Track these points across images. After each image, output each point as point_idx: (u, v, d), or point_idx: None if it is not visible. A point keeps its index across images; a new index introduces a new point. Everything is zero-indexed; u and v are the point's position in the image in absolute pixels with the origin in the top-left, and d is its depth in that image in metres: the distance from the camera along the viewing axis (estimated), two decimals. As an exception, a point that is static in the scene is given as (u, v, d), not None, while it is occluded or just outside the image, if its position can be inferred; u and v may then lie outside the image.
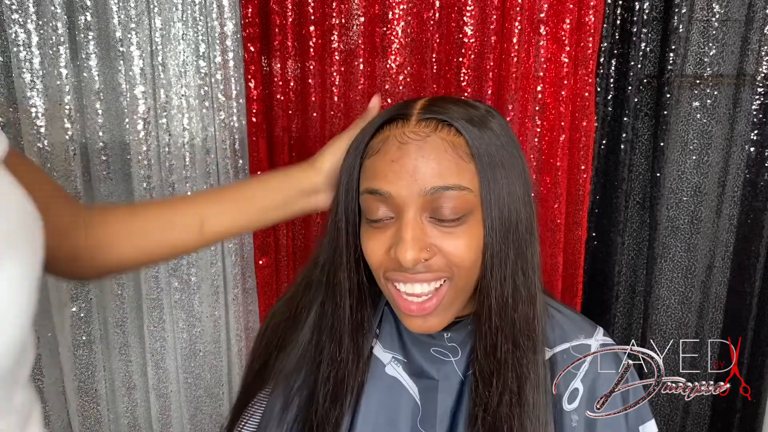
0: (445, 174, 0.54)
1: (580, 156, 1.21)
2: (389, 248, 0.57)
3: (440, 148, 0.55)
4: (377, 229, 0.58)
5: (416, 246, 0.54)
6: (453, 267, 0.56)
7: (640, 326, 1.36)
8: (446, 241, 0.55)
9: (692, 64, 1.23)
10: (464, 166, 0.55)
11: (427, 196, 0.54)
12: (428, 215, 0.55)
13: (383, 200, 0.56)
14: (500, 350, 0.58)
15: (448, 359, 0.64)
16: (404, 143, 0.55)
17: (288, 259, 1.24)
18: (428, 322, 0.59)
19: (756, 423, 1.37)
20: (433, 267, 0.56)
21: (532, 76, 1.16)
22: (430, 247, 0.55)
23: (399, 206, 0.55)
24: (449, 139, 0.55)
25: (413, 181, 0.54)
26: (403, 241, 0.54)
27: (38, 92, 1.03)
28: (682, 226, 1.32)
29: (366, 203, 0.58)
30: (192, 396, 1.25)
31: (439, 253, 0.56)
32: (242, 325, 1.23)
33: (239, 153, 1.15)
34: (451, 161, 0.55)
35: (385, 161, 0.56)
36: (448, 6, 1.12)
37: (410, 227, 0.55)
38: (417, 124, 0.56)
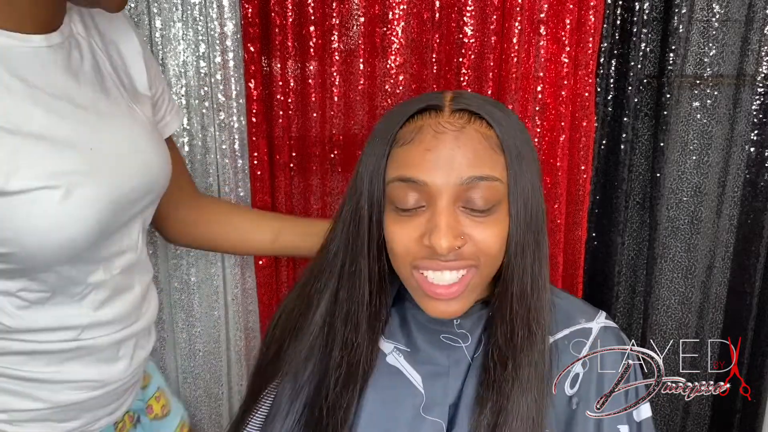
0: (480, 164, 0.56)
1: (580, 156, 1.21)
2: (420, 236, 0.58)
3: (475, 139, 0.56)
4: (406, 217, 0.58)
5: (450, 234, 0.56)
6: (481, 255, 0.58)
7: (640, 326, 1.37)
8: (477, 229, 0.57)
9: (692, 65, 1.23)
10: (496, 158, 0.57)
11: (462, 186, 0.56)
12: (461, 204, 0.57)
13: (416, 188, 0.57)
14: (518, 335, 0.60)
15: (458, 345, 0.65)
16: (441, 133, 0.56)
17: (288, 259, 1.24)
18: (451, 307, 0.60)
19: (756, 423, 1.37)
20: (464, 255, 0.58)
21: (532, 76, 1.16)
22: (463, 235, 0.57)
23: (432, 195, 0.56)
24: (482, 131, 0.57)
25: (450, 170, 0.55)
26: (438, 229, 0.55)
27: (38, 92, 1.03)
28: (682, 226, 1.32)
29: (396, 191, 0.58)
30: (191, 396, 1.25)
31: (470, 241, 0.58)
32: (242, 325, 1.23)
33: (239, 153, 1.15)
34: (485, 152, 0.56)
35: (419, 150, 0.57)
36: (448, 6, 1.12)
37: (444, 215, 0.56)
38: (451, 115, 0.58)
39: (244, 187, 1.17)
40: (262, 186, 1.16)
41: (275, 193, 1.18)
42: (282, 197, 1.18)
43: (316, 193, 1.20)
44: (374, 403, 0.65)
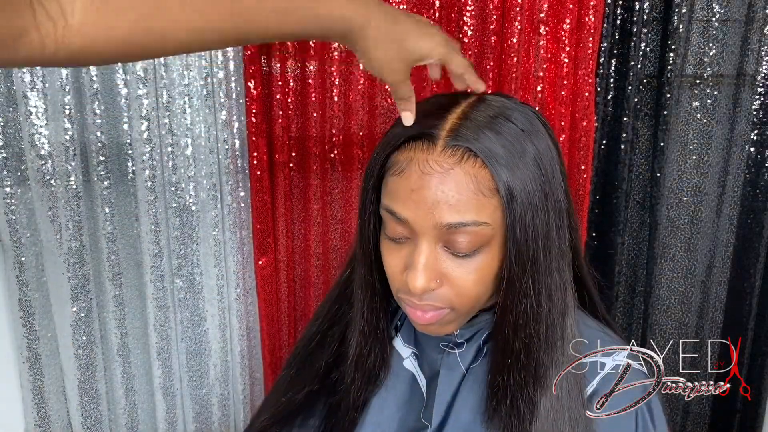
0: (463, 210, 0.53)
1: (580, 156, 1.21)
2: (404, 268, 0.57)
3: (462, 183, 0.52)
4: (396, 245, 0.58)
5: (426, 275, 0.54)
6: (456, 299, 0.56)
7: (640, 326, 1.36)
8: (458, 271, 0.55)
9: (692, 64, 1.23)
10: (485, 202, 0.53)
11: (443, 230, 0.53)
12: (443, 245, 0.55)
13: (400, 223, 0.55)
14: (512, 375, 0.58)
15: (452, 351, 0.65)
16: (426, 173, 0.53)
17: (288, 259, 1.24)
18: (433, 329, 0.60)
19: (756, 423, 1.37)
20: (438, 297, 0.56)
21: (532, 76, 1.16)
22: (440, 278, 0.55)
23: (415, 232, 0.55)
24: (473, 173, 0.53)
25: (430, 215, 0.53)
26: (415, 269, 0.54)
27: (38, 92, 1.03)
28: (682, 226, 1.32)
29: (386, 218, 0.57)
30: (196, 395, 1.25)
31: (447, 284, 0.56)
32: (244, 324, 1.24)
33: (239, 153, 1.15)
34: (471, 196, 0.53)
35: (405, 188, 0.54)
36: (448, 6, 1.12)
37: (423, 255, 0.54)
38: (442, 152, 0.53)
39: (244, 187, 1.17)
40: (262, 186, 1.16)
41: (275, 193, 1.19)
42: (282, 197, 1.18)
43: (316, 193, 1.20)
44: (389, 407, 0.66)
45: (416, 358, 0.68)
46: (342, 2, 0.47)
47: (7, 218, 1.08)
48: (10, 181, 1.08)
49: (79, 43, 0.38)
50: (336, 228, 1.24)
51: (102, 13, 0.38)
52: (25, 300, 1.12)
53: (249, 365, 1.26)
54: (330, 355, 0.69)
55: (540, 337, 0.58)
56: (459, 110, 0.56)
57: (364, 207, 0.60)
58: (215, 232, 1.18)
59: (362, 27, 0.49)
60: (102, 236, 1.13)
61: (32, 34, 0.37)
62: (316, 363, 0.69)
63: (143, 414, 1.26)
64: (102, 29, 0.39)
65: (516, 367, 0.58)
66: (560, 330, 0.59)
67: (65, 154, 1.06)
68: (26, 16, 0.36)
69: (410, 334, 0.69)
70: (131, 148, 1.11)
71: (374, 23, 0.49)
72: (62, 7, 0.37)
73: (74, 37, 0.38)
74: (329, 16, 0.47)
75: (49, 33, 0.37)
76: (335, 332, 0.69)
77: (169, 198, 1.14)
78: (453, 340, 0.65)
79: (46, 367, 1.17)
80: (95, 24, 0.38)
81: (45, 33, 0.37)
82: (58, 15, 0.37)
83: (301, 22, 0.46)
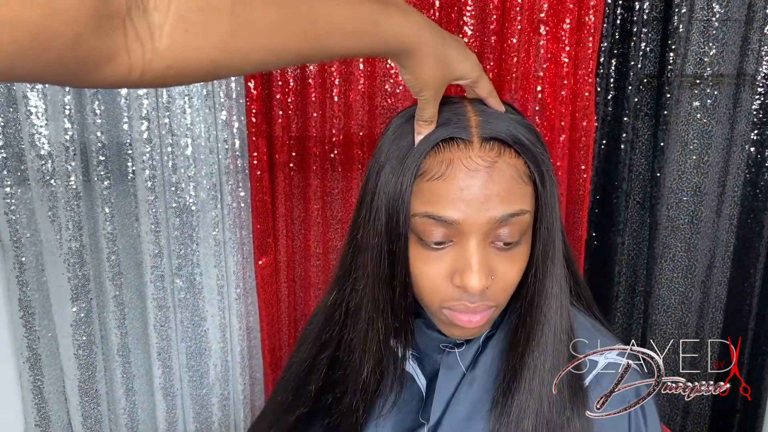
0: (513, 201, 0.54)
1: (580, 156, 1.21)
2: (449, 275, 0.56)
3: (507, 175, 0.54)
4: (436, 252, 0.56)
5: (483, 273, 0.54)
6: (501, 293, 0.57)
7: (640, 326, 1.37)
8: (503, 265, 0.56)
9: (692, 64, 1.23)
10: (526, 190, 0.55)
11: (495, 224, 0.54)
12: (490, 240, 0.55)
13: (446, 225, 0.55)
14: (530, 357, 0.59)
15: (452, 350, 0.65)
16: (473, 170, 0.53)
17: (288, 259, 1.24)
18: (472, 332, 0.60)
19: (756, 423, 1.37)
20: (488, 296, 0.57)
21: (532, 76, 1.16)
22: (493, 274, 0.56)
23: (464, 233, 0.54)
24: (513, 163, 0.55)
25: (483, 211, 0.53)
26: (471, 269, 0.54)
27: (38, 92, 1.03)
28: (682, 226, 1.32)
29: (423, 226, 0.55)
30: (196, 395, 1.25)
31: (496, 279, 0.56)
32: (244, 324, 1.24)
33: (239, 153, 1.15)
34: (516, 186, 0.54)
35: (452, 188, 0.54)
36: (448, 6, 1.12)
37: (477, 253, 0.54)
38: (481, 148, 0.54)
39: (244, 187, 1.17)
40: (262, 186, 1.16)
41: (275, 193, 1.19)
42: (282, 197, 1.18)
43: (316, 193, 1.20)
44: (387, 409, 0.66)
45: (415, 360, 0.67)
46: (402, 23, 0.50)
47: (7, 218, 1.08)
48: (10, 181, 1.08)
49: (164, 66, 0.38)
50: (336, 228, 1.24)
51: (189, 35, 0.38)
52: (25, 300, 1.12)
53: (249, 365, 1.26)
54: (319, 379, 0.68)
55: (553, 319, 0.60)
56: (469, 108, 0.57)
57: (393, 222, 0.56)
58: (215, 232, 1.18)
59: (417, 49, 0.51)
60: (102, 236, 1.13)
61: (122, 57, 0.36)
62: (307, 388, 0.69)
63: (143, 414, 1.26)
64: (188, 51, 0.39)
65: (534, 349, 0.59)
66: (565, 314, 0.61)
67: (65, 154, 1.06)
68: (119, 38, 0.35)
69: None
70: (131, 148, 1.11)
71: (428, 44, 0.52)
72: (151, 30, 0.37)
73: (160, 61, 0.38)
74: (393, 38, 0.50)
75: (137, 57, 0.37)
76: (324, 358, 0.68)
77: (169, 198, 1.14)
78: (453, 341, 0.65)
79: (46, 367, 1.17)
80: (182, 46, 0.38)
81: (134, 57, 0.36)
82: (146, 37, 0.37)
83: (369, 43, 0.49)
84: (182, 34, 0.38)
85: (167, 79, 0.40)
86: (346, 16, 0.47)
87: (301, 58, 0.47)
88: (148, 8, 0.36)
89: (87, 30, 0.33)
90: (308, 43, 0.45)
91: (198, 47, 0.39)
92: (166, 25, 0.37)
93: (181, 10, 0.37)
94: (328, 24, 0.46)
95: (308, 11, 0.44)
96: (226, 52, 0.41)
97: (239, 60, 0.42)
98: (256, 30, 0.42)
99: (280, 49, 0.44)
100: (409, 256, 0.58)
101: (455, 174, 0.54)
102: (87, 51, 0.34)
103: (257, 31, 0.42)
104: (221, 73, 0.43)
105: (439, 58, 0.53)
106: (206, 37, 0.39)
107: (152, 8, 0.36)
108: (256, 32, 0.42)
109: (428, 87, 0.54)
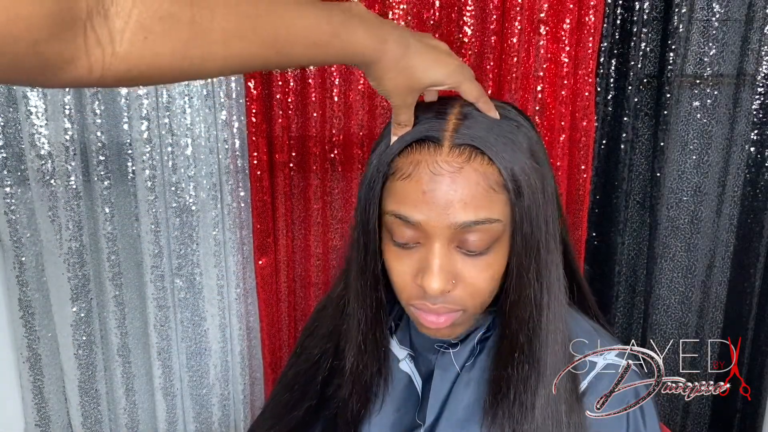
0: (477, 208, 0.53)
1: (580, 156, 1.21)
2: (415, 274, 0.56)
3: (473, 181, 0.53)
4: (404, 251, 0.57)
5: (443, 276, 0.54)
6: (470, 299, 0.57)
7: (640, 326, 1.37)
8: (471, 270, 0.56)
9: (692, 64, 1.23)
10: (495, 198, 0.54)
11: (457, 230, 0.54)
12: (456, 245, 0.55)
13: (412, 227, 0.55)
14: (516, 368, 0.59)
15: (447, 350, 0.65)
16: (437, 174, 0.53)
17: (288, 259, 1.24)
18: (444, 333, 0.60)
19: (756, 423, 1.37)
20: (452, 299, 0.56)
21: (532, 76, 1.16)
22: (455, 278, 0.56)
23: (428, 235, 0.55)
24: (482, 170, 0.53)
25: (444, 215, 0.53)
26: (430, 271, 0.54)
27: (38, 92, 1.03)
28: (682, 226, 1.32)
29: (393, 225, 0.57)
30: (197, 395, 1.25)
31: (461, 285, 0.56)
32: (244, 324, 1.24)
33: (239, 153, 1.15)
34: (483, 194, 0.53)
35: (416, 190, 0.54)
36: (448, 6, 1.12)
37: (438, 256, 0.54)
38: (450, 152, 0.54)
39: (244, 187, 1.17)
40: (262, 186, 1.16)
41: (275, 193, 1.19)
42: (282, 197, 1.18)
43: (316, 193, 1.20)
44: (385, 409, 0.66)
45: (412, 360, 0.68)
46: (362, 36, 0.51)
47: (7, 218, 1.08)
48: (10, 181, 1.08)
49: (123, 69, 0.40)
50: (336, 228, 1.24)
51: (149, 41, 0.40)
52: (25, 300, 1.12)
53: (249, 365, 1.26)
54: (325, 370, 0.69)
55: (542, 330, 0.58)
56: (456, 111, 0.57)
57: (365, 217, 0.59)
58: (215, 232, 1.18)
59: (378, 59, 0.52)
60: (102, 236, 1.13)
61: (82, 60, 0.37)
62: (315, 381, 0.70)
63: (143, 414, 1.26)
64: (147, 56, 0.40)
65: (521, 360, 0.58)
66: (560, 323, 0.60)
67: (65, 154, 1.06)
68: (79, 42, 0.37)
69: (405, 335, 0.69)
70: (131, 148, 1.11)
71: (388, 55, 0.53)
72: (112, 35, 0.38)
73: (120, 64, 0.39)
74: (353, 50, 0.51)
75: (97, 59, 0.38)
76: (330, 348, 0.69)
77: (169, 198, 1.14)
78: (448, 341, 0.65)
79: (46, 367, 1.17)
80: (141, 52, 0.40)
81: (94, 60, 0.38)
82: (107, 42, 0.38)
83: (330, 54, 0.51)
84: (142, 40, 0.39)
85: (127, 81, 0.41)
86: (307, 28, 0.48)
87: (262, 66, 0.49)
88: (109, 14, 0.38)
89: (47, 35, 0.34)
90: (268, 52, 0.46)
91: (157, 53, 0.40)
92: (126, 32, 0.38)
93: (141, 18, 0.39)
94: (289, 36, 0.47)
95: (269, 24, 0.46)
96: (184, 58, 0.42)
97: (198, 66, 0.43)
98: (214, 39, 0.43)
99: (239, 57, 0.45)
100: (379, 251, 0.59)
101: (420, 176, 0.54)
102: (47, 55, 0.35)
103: (216, 40, 0.43)
104: (181, 77, 0.44)
105: (400, 69, 0.53)
106: (165, 44, 0.40)
107: (113, 14, 0.38)
108: (215, 42, 0.43)
109: (393, 95, 0.55)
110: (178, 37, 0.41)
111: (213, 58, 0.44)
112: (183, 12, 0.40)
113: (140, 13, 0.39)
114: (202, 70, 0.44)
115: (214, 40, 0.43)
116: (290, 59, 0.49)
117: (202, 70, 0.44)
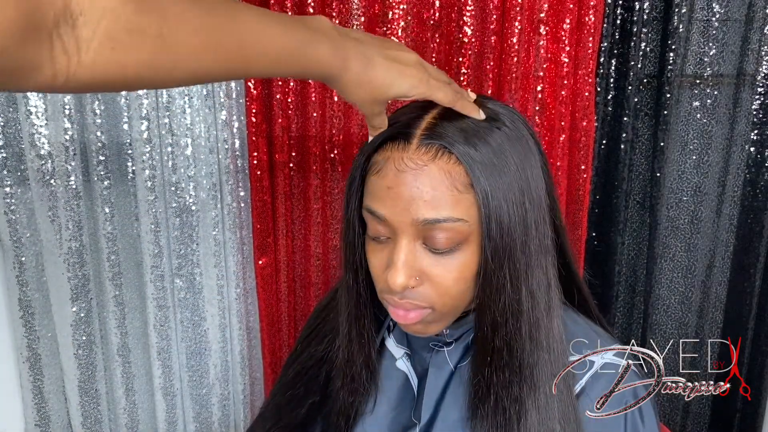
0: (439, 206, 0.53)
1: (580, 156, 1.21)
2: (386, 268, 0.57)
3: (437, 179, 0.53)
4: (378, 244, 0.58)
5: (406, 272, 0.55)
6: (438, 298, 0.57)
7: (640, 326, 1.37)
8: (437, 268, 0.56)
9: (692, 64, 1.23)
10: (460, 197, 0.54)
11: (420, 227, 0.54)
12: (422, 242, 0.56)
13: (380, 222, 0.56)
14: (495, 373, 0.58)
15: (441, 349, 0.65)
16: (401, 171, 0.54)
17: (288, 259, 1.24)
18: (417, 329, 0.60)
19: (756, 423, 1.37)
20: (418, 297, 0.56)
21: (532, 75, 1.16)
22: (420, 275, 0.56)
23: (395, 230, 0.56)
24: (447, 168, 0.53)
25: (407, 211, 0.54)
26: (394, 266, 0.55)
27: (38, 92, 1.03)
28: (682, 226, 1.32)
29: (367, 219, 0.58)
30: (197, 395, 1.25)
31: (428, 282, 0.56)
32: (244, 324, 1.24)
33: (239, 153, 1.15)
34: (446, 192, 0.53)
35: (382, 186, 0.55)
36: (447, 6, 1.12)
37: (402, 252, 0.55)
38: (416, 150, 0.54)
39: (244, 187, 1.17)
40: (262, 186, 1.16)
41: (275, 193, 1.19)
42: (282, 197, 1.18)
43: (316, 193, 1.20)
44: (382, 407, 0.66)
45: (408, 358, 0.68)
46: (325, 53, 0.52)
47: (7, 218, 1.08)
48: (10, 181, 1.08)
49: (88, 77, 0.40)
50: (336, 228, 1.24)
51: (115, 52, 0.40)
52: (25, 300, 1.12)
53: (249, 365, 1.26)
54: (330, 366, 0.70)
55: (522, 335, 0.57)
56: (436, 111, 0.57)
57: (348, 210, 0.60)
58: (215, 232, 1.18)
59: (340, 75, 0.54)
60: (102, 236, 1.13)
61: (46, 68, 0.38)
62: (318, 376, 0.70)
63: (143, 414, 1.26)
64: (112, 66, 0.41)
65: (498, 365, 0.58)
66: (545, 328, 0.59)
67: (65, 154, 1.06)
68: (44, 50, 0.37)
69: (402, 334, 0.69)
70: (131, 148, 1.11)
71: (350, 71, 0.54)
72: (78, 44, 0.38)
73: (85, 72, 0.40)
74: (316, 66, 0.53)
75: (62, 67, 0.38)
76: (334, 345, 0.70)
77: (169, 198, 1.14)
78: (443, 339, 0.65)
79: (46, 367, 1.17)
80: (107, 61, 0.40)
81: (59, 67, 0.38)
82: (73, 51, 0.38)
83: (294, 69, 0.53)
84: (108, 51, 0.40)
85: (91, 88, 0.42)
86: (272, 44, 0.50)
87: (227, 78, 0.50)
88: (77, 24, 0.38)
89: (12, 43, 0.35)
90: (232, 65, 0.48)
91: (122, 64, 0.41)
92: (94, 41, 0.39)
93: (109, 29, 0.39)
94: (254, 51, 0.49)
95: (235, 39, 0.47)
96: (150, 69, 0.43)
97: (163, 76, 0.44)
98: (180, 52, 0.44)
99: (203, 69, 0.46)
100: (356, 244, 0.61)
101: (386, 172, 0.55)
102: (12, 62, 0.36)
103: (182, 53, 0.44)
104: (146, 86, 0.45)
105: (362, 83, 0.55)
106: (131, 55, 0.41)
107: (81, 24, 0.38)
108: (181, 54, 0.44)
109: (359, 106, 0.57)
110: (145, 49, 0.41)
111: (178, 69, 0.44)
112: (151, 26, 0.41)
113: (108, 24, 0.39)
114: (167, 80, 0.45)
115: (181, 53, 0.44)
116: (255, 72, 0.51)
117: (167, 80, 0.45)
